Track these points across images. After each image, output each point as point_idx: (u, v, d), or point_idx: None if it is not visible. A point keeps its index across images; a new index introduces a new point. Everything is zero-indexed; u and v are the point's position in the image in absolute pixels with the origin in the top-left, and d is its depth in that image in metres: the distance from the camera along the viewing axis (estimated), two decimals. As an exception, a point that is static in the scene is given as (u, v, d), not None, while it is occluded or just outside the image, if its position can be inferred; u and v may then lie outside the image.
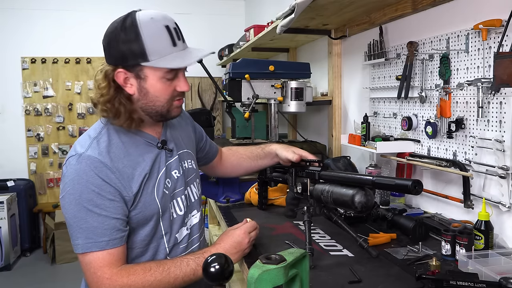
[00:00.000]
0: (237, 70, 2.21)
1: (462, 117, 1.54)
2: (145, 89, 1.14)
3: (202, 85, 5.28)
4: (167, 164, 1.25)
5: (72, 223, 1.10)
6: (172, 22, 1.14)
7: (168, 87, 1.16)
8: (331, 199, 1.20)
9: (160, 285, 1.10)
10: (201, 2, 5.28)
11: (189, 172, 1.35)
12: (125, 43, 1.09)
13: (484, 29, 1.39)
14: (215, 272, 0.82)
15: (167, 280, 1.11)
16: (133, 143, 1.20)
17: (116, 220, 1.10)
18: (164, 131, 1.30)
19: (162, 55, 1.10)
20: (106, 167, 1.10)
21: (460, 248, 1.26)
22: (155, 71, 1.12)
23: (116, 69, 1.12)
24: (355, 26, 2.23)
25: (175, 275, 1.12)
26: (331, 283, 1.16)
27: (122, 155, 1.15)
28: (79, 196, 1.08)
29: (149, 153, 1.21)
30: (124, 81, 1.14)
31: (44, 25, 4.89)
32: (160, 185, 1.20)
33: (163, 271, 1.11)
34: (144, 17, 1.10)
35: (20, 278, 4.08)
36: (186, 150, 1.36)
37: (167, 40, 1.11)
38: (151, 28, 1.09)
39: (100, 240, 1.08)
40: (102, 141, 1.15)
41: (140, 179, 1.16)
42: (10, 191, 4.55)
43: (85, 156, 1.10)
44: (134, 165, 1.16)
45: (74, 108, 5.05)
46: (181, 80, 1.18)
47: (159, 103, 1.16)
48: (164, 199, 1.21)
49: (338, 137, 2.48)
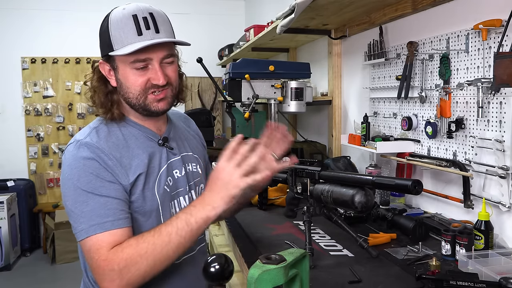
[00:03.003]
0: (237, 70, 2.21)
1: (462, 117, 1.54)
2: (119, 80, 1.16)
3: (202, 85, 5.28)
4: (170, 162, 1.24)
5: (73, 209, 1.07)
6: (143, 11, 1.11)
7: (139, 78, 1.13)
8: (331, 199, 1.20)
9: (157, 248, 1.02)
10: (201, 2, 5.28)
11: (193, 175, 1.31)
12: (101, 35, 1.15)
13: (484, 29, 1.39)
14: (215, 272, 0.82)
15: (161, 240, 1.02)
16: (133, 136, 1.20)
17: (118, 201, 1.08)
18: (168, 130, 1.28)
19: (125, 44, 1.09)
20: (103, 153, 1.11)
21: (460, 248, 1.26)
22: (123, 61, 1.12)
23: (99, 60, 1.18)
24: (355, 26, 2.23)
25: (167, 232, 1.03)
26: (331, 283, 1.16)
27: (121, 145, 1.15)
28: (77, 181, 1.07)
29: (149, 147, 1.20)
30: (109, 73, 1.17)
31: (44, 25, 4.88)
32: (162, 182, 1.19)
33: (155, 232, 1.04)
34: (118, 9, 1.13)
35: (20, 278, 4.08)
36: (191, 154, 1.33)
37: (131, 29, 1.09)
38: (117, 18, 1.11)
39: (103, 221, 1.04)
40: (101, 131, 1.17)
41: (137, 171, 1.14)
42: (10, 191, 4.54)
43: (83, 142, 1.12)
44: (132, 156, 1.15)
45: (74, 108, 5.05)
46: (155, 71, 1.13)
47: (131, 94, 1.15)
48: (165, 196, 1.20)
49: (338, 137, 2.48)
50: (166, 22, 1.16)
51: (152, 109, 1.17)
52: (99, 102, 1.18)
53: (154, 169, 1.19)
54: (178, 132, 1.33)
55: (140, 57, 1.11)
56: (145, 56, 1.11)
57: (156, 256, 1.02)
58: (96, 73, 1.20)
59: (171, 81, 1.18)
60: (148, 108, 1.17)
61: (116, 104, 1.19)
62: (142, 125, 1.22)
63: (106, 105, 1.18)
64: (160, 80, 1.13)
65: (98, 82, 1.19)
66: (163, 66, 1.15)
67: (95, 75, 1.20)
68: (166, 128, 1.28)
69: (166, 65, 1.16)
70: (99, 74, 1.19)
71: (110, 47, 1.12)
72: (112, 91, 1.19)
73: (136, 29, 1.09)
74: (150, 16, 1.11)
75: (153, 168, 1.19)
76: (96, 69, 1.19)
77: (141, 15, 1.10)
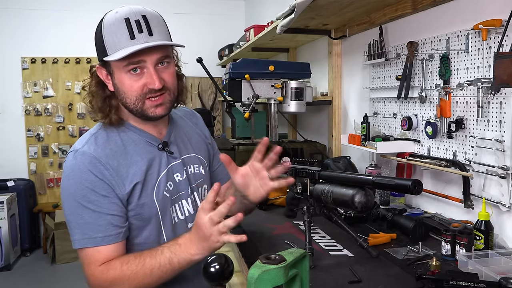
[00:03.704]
0: (237, 70, 2.21)
1: (462, 117, 1.54)
2: (116, 85, 1.15)
3: (202, 85, 5.28)
4: (170, 166, 1.23)
5: (70, 218, 1.12)
6: (136, 14, 1.09)
7: (135, 83, 1.12)
8: (331, 199, 1.20)
9: (138, 277, 1.07)
10: (201, 2, 5.28)
11: (195, 177, 1.30)
12: (95, 40, 1.15)
13: (484, 29, 1.39)
14: (215, 272, 0.82)
15: (143, 272, 1.07)
16: (132, 141, 1.19)
17: (111, 217, 1.10)
18: (169, 133, 1.27)
19: (118, 49, 1.08)
20: (100, 163, 1.11)
21: (460, 248, 1.26)
22: (117, 66, 1.11)
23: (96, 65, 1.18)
24: (355, 26, 2.23)
25: (150, 265, 1.07)
26: (331, 283, 1.16)
27: (119, 152, 1.15)
28: (74, 192, 1.10)
29: (148, 153, 1.20)
30: (106, 78, 1.16)
31: (44, 25, 4.88)
32: (161, 188, 1.19)
33: (139, 262, 1.08)
34: (111, 12, 1.12)
35: (20, 278, 4.08)
36: (194, 155, 1.32)
37: (124, 33, 1.08)
38: (110, 23, 1.10)
39: (94, 236, 1.08)
40: (100, 137, 1.17)
41: (134, 180, 1.14)
42: (10, 191, 4.54)
43: (81, 152, 1.13)
44: (130, 164, 1.15)
45: (74, 108, 5.05)
46: (150, 75, 1.11)
47: (129, 100, 1.14)
48: (164, 201, 1.19)
49: (338, 137, 2.48)
50: (161, 24, 1.14)
51: (149, 114, 1.16)
52: (97, 107, 1.18)
53: (153, 175, 1.18)
54: (181, 133, 1.32)
55: (133, 60, 1.09)
56: (138, 58, 1.09)
57: (138, 283, 1.08)
58: (94, 78, 1.19)
59: (168, 85, 1.16)
60: (145, 114, 1.16)
61: (114, 109, 1.18)
62: (141, 129, 1.22)
63: (104, 110, 1.17)
64: (156, 84, 1.11)
65: (96, 87, 1.18)
66: (158, 69, 1.13)
67: (93, 79, 1.19)
68: (167, 131, 1.27)
69: (161, 68, 1.14)
70: (97, 78, 1.18)
71: (104, 52, 1.11)
72: (110, 95, 1.18)
73: (128, 32, 1.08)
74: (143, 19, 1.09)
75: (151, 174, 1.18)
76: (94, 74, 1.19)
77: (134, 18, 1.08)
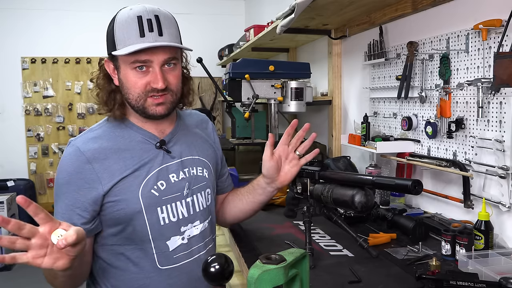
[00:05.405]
0: (237, 70, 2.21)
1: (462, 117, 1.54)
2: (121, 80, 1.16)
3: (202, 85, 5.28)
4: (164, 166, 1.20)
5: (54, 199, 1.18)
6: (149, 13, 1.10)
7: (139, 80, 1.13)
8: (331, 199, 1.20)
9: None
10: (201, 2, 5.28)
11: (197, 179, 1.27)
12: (107, 34, 1.16)
13: (484, 29, 1.39)
14: (215, 272, 0.82)
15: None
16: (127, 138, 1.19)
17: (72, 212, 1.12)
18: (172, 133, 1.26)
19: (126, 44, 1.09)
20: (83, 155, 1.14)
21: (460, 248, 1.26)
22: (124, 61, 1.12)
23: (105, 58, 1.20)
24: (355, 26, 2.23)
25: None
26: (331, 283, 1.16)
27: (109, 147, 1.16)
28: (57, 180, 1.16)
29: (142, 150, 1.19)
30: (113, 72, 1.18)
31: (44, 25, 4.89)
32: (149, 186, 1.16)
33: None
34: (125, 9, 1.14)
35: (20, 278, 4.08)
36: (198, 158, 1.30)
37: (134, 30, 1.09)
38: (123, 19, 1.12)
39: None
40: (95, 131, 1.20)
41: (119, 174, 1.14)
42: (10, 191, 4.55)
43: (71, 144, 1.18)
44: (118, 159, 1.15)
45: (74, 108, 5.05)
46: (155, 75, 1.12)
47: (131, 96, 1.15)
48: (150, 200, 1.16)
49: (338, 137, 2.49)
50: (172, 26, 1.14)
51: (150, 112, 1.16)
52: (102, 100, 1.20)
53: (141, 172, 1.17)
54: (187, 135, 1.31)
55: (140, 58, 1.10)
56: (145, 57, 1.10)
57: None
58: (102, 71, 1.21)
59: (171, 86, 1.16)
60: (146, 111, 1.16)
61: (118, 104, 1.19)
62: (141, 127, 1.22)
63: (109, 104, 1.19)
64: (159, 83, 1.11)
65: (103, 80, 1.20)
66: (164, 70, 1.14)
67: (101, 72, 1.21)
68: (171, 131, 1.26)
69: (167, 69, 1.15)
70: (105, 72, 1.20)
71: (114, 46, 1.12)
72: (115, 90, 1.20)
73: (139, 30, 1.09)
74: (155, 18, 1.10)
75: (139, 171, 1.17)
76: (102, 67, 1.21)
77: (146, 17, 1.10)
